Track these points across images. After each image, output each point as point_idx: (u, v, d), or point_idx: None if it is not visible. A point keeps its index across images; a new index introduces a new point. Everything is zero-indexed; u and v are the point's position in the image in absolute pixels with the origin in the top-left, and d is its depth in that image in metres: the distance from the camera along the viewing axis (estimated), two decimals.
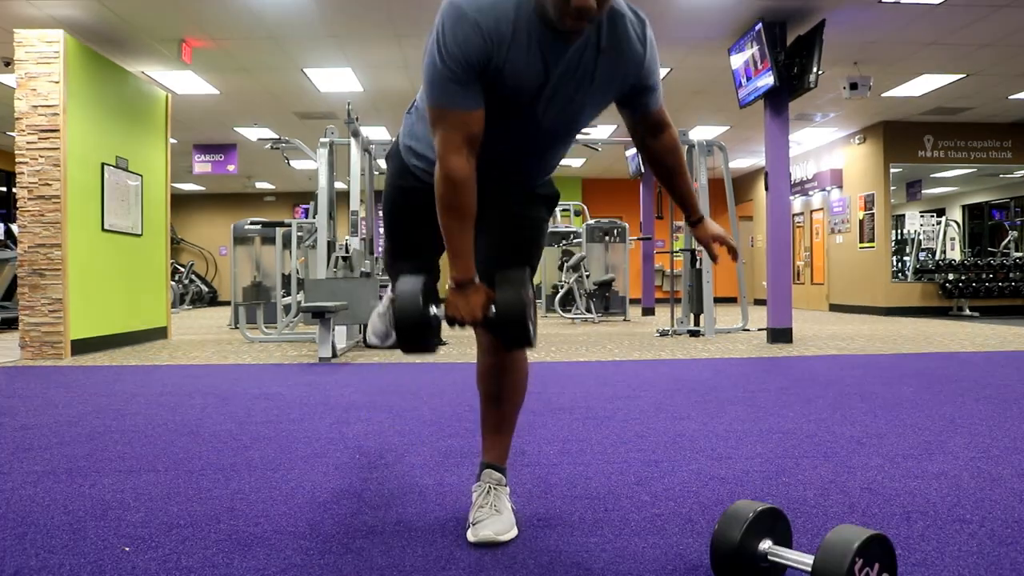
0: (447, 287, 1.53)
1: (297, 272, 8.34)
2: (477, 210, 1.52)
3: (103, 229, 6.21)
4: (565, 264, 10.51)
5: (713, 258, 1.74)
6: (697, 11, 6.41)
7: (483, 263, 1.61)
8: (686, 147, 8.28)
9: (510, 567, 1.49)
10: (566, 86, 1.51)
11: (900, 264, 12.42)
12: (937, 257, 12.47)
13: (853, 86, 7.62)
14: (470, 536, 1.62)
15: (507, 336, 1.50)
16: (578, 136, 1.78)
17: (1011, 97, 9.25)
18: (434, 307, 1.54)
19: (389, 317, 1.99)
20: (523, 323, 1.46)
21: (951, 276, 11.07)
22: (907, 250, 12.40)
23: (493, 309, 1.49)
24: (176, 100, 8.63)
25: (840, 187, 12.11)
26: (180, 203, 16.35)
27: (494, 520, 1.63)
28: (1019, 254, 12.16)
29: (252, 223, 9.42)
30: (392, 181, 1.81)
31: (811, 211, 13.35)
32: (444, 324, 1.55)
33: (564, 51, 1.46)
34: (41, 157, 5.61)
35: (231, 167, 11.84)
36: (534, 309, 1.54)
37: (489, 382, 1.75)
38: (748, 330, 7.94)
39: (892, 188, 11.37)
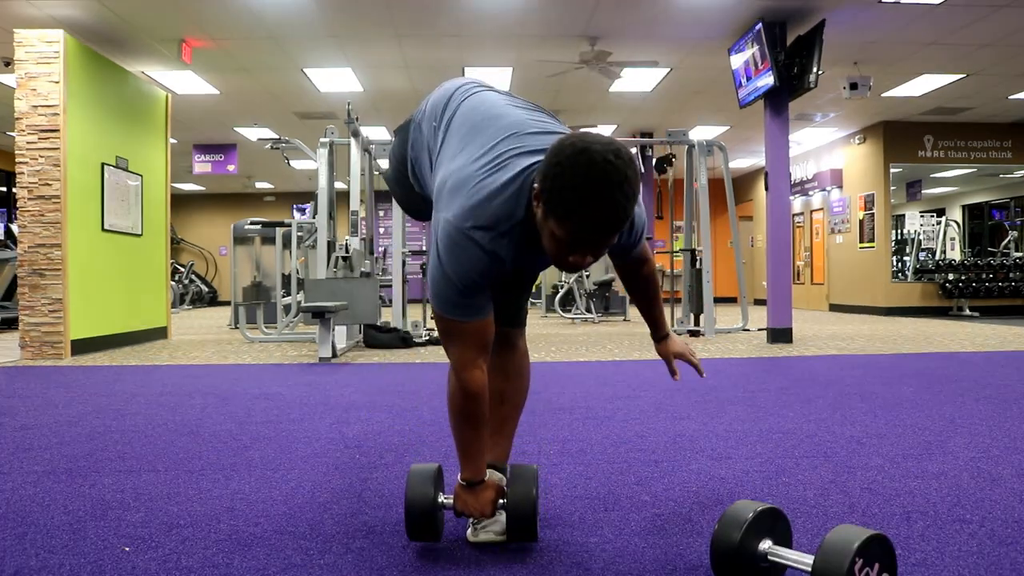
0: (457, 483, 1.57)
1: (297, 272, 8.34)
2: None
3: (103, 229, 6.21)
4: None
5: (672, 373, 1.77)
6: (697, 11, 6.41)
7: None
8: (686, 147, 8.29)
9: (510, 567, 1.49)
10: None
11: (900, 264, 12.41)
12: (937, 257, 12.47)
13: (853, 86, 7.62)
14: (470, 536, 1.62)
15: (513, 532, 1.55)
16: None
17: (1011, 97, 9.25)
18: (443, 495, 1.58)
19: None
20: (532, 523, 1.52)
21: (951, 276, 11.07)
22: (907, 250, 12.40)
23: (502, 501, 1.57)
24: (176, 100, 8.63)
25: (840, 187, 12.11)
26: (180, 203, 16.34)
27: (494, 520, 1.63)
28: (1019, 254, 12.17)
29: (252, 223, 9.41)
30: (395, 164, 1.80)
31: (811, 211, 13.35)
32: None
33: None
34: (41, 157, 5.61)
35: (231, 167, 11.85)
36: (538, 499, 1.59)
37: (491, 383, 1.75)
38: (748, 330, 7.94)
39: (892, 188, 11.37)
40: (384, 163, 9.10)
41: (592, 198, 1.23)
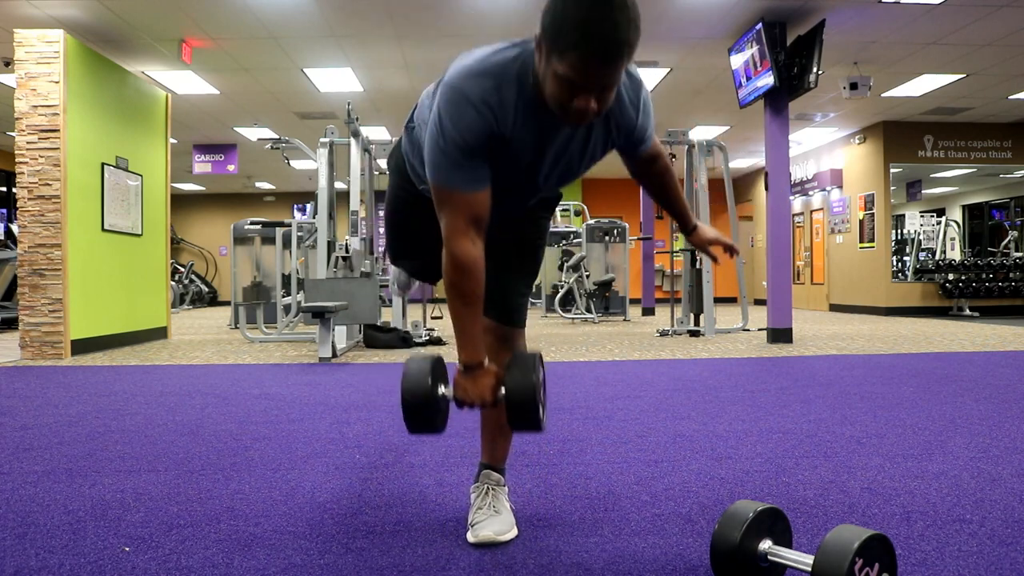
0: (457, 369, 1.51)
1: (297, 272, 8.35)
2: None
3: (103, 229, 6.21)
4: (565, 264, 10.51)
5: (714, 259, 1.80)
6: (697, 11, 6.42)
7: (492, 275, 1.62)
8: (686, 147, 8.29)
9: (510, 567, 1.49)
10: (560, 155, 1.53)
11: (900, 264, 12.41)
12: (937, 257, 12.47)
13: (853, 86, 7.62)
14: (470, 537, 1.62)
15: (515, 420, 1.48)
16: None
17: (1011, 97, 9.25)
18: (442, 387, 1.52)
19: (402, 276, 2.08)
20: (534, 409, 1.43)
21: (951, 276, 11.07)
22: (907, 250, 12.41)
23: (503, 390, 1.47)
24: (176, 100, 8.64)
25: (840, 187, 12.11)
26: (180, 203, 16.34)
27: (493, 520, 1.63)
28: (1019, 254, 12.17)
29: (252, 223, 9.42)
30: (395, 185, 1.80)
31: (811, 211, 13.36)
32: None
33: (559, 128, 1.47)
34: (41, 157, 5.62)
35: (231, 167, 11.85)
36: (544, 389, 1.51)
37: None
38: (748, 330, 7.94)
39: (892, 188, 11.37)
40: (383, 163, 9.10)
41: (592, 23, 1.24)
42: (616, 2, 1.24)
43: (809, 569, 1.26)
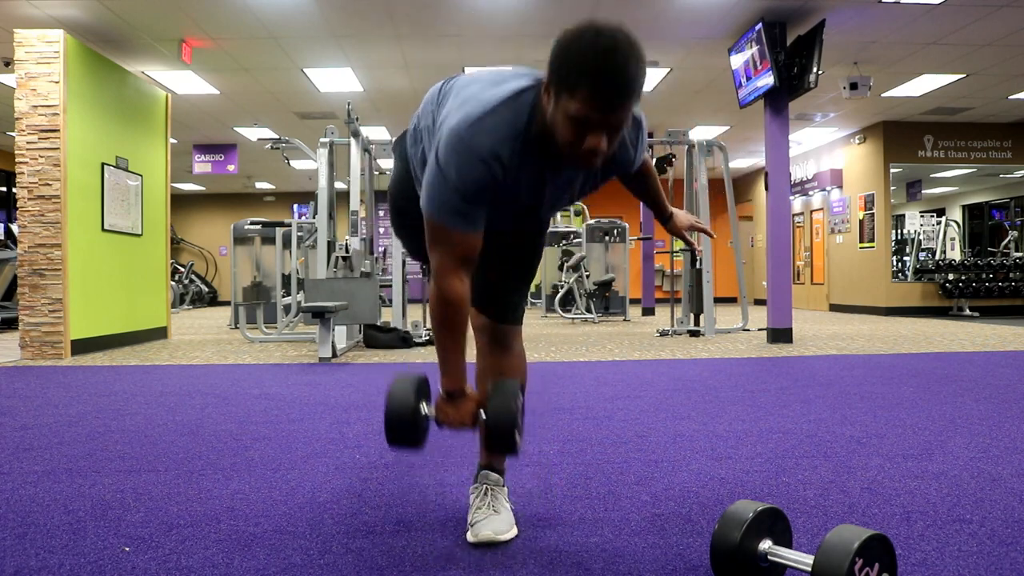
0: (438, 394, 1.57)
1: (297, 272, 8.34)
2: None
3: (103, 229, 6.21)
4: (565, 264, 10.50)
5: (690, 245, 1.94)
6: (697, 11, 6.42)
7: (488, 274, 1.66)
8: (686, 147, 8.29)
9: (510, 567, 1.49)
10: (561, 188, 1.58)
11: (900, 264, 12.41)
12: (937, 257, 12.47)
13: (853, 86, 7.62)
14: (470, 537, 1.62)
15: (492, 443, 1.55)
16: None
17: (1011, 97, 9.25)
18: (425, 406, 1.58)
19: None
20: (511, 435, 1.50)
21: (951, 276, 11.07)
22: (907, 250, 12.41)
23: (483, 415, 1.54)
24: (176, 100, 8.64)
25: (840, 187, 12.11)
26: (180, 203, 16.34)
27: (493, 520, 1.63)
28: (1019, 254, 12.17)
29: (252, 223, 9.42)
30: (399, 169, 1.79)
31: (811, 211, 13.36)
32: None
33: (560, 168, 1.51)
34: (41, 157, 5.61)
35: (231, 167, 11.85)
36: (522, 415, 1.58)
37: (487, 385, 1.75)
38: (748, 330, 7.94)
39: (892, 188, 11.37)
40: (383, 163, 9.10)
41: (603, 60, 1.28)
42: (623, 43, 1.30)
43: (809, 569, 1.26)
